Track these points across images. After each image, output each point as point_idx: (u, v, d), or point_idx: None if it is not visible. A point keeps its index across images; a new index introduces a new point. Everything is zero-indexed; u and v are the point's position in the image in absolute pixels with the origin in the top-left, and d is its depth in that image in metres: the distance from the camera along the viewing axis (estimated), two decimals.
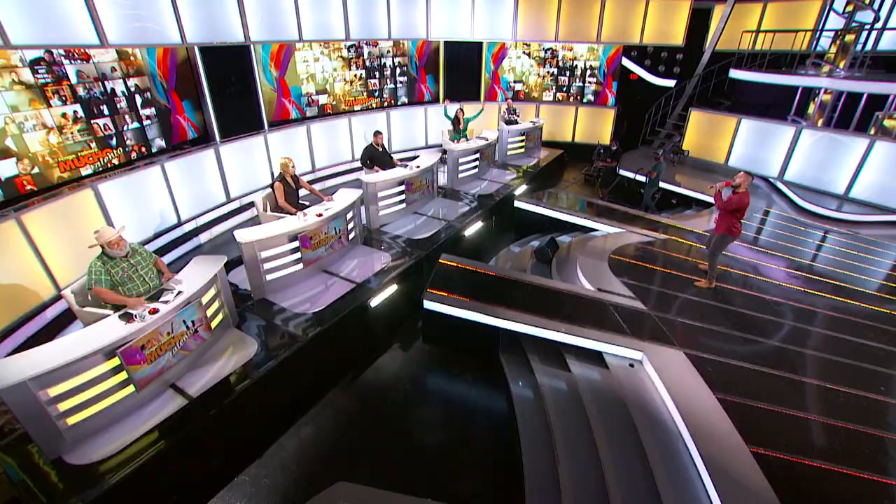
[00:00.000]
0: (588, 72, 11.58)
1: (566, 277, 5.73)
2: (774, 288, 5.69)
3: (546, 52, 11.57)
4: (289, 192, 5.52)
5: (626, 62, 11.48)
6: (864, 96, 8.70)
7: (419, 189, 7.24)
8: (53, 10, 5.16)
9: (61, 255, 5.27)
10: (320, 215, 5.41)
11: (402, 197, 7.01)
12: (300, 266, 5.36)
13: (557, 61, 11.63)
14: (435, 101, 11.72)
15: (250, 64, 8.04)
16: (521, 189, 8.64)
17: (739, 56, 10.28)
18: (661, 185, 9.24)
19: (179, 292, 3.81)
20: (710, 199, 8.78)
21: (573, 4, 10.73)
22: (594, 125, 11.93)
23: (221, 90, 7.61)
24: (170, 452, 3.36)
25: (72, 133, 5.82)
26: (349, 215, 5.99)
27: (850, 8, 8.94)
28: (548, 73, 11.77)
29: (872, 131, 8.47)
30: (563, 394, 4.28)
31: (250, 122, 8.33)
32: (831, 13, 9.22)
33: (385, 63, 10.58)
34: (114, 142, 6.39)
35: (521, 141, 10.32)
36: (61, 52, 5.58)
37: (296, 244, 5.23)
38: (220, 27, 7.13)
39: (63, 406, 3.21)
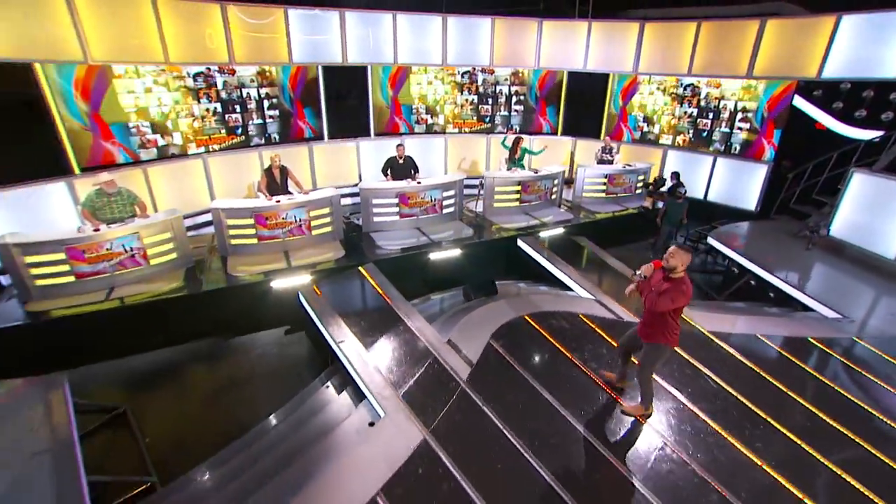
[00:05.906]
0: (739, 115, 9.04)
1: (446, 321, 5.14)
2: None
3: (685, 89, 9.60)
4: (271, 182, 6.80)
5: (800, 103, 8.36)
6: None
7: (420, 206, 7.51)
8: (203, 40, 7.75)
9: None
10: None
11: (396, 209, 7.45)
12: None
13: (699, 100, 9.49)
14: (554, 133, 11.33)
15: (365, 83, 9.80)
16: (553, 232, 7.70)
17: None
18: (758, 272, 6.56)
19: None
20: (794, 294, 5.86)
21: (715, 29, 8.65)
22: (735, 183, 9.21)
23: (337, 102, 9.57)
24: None
25: (209, 122, 8.54)
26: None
27: None
28: (685, 113, 9.73)
29: None
30: None
31: (359, 130, 10.08)
32: None
33: (500, 90, 10.93)
34: (239, 130, 9.00)
35: (604, 184, 8.99)
36: (215, 67, 8.30)
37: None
38: (325, 50, 9.03)
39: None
